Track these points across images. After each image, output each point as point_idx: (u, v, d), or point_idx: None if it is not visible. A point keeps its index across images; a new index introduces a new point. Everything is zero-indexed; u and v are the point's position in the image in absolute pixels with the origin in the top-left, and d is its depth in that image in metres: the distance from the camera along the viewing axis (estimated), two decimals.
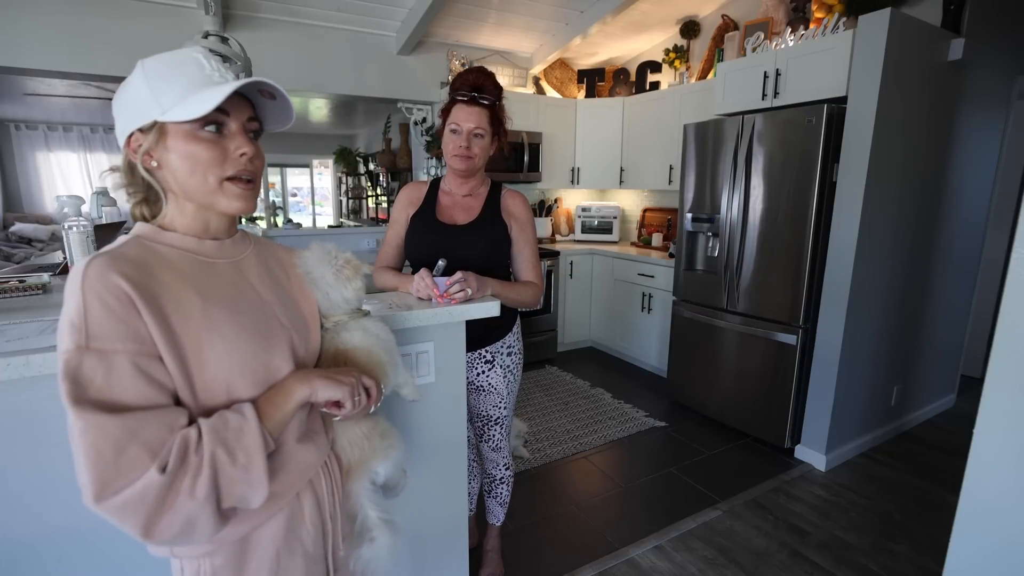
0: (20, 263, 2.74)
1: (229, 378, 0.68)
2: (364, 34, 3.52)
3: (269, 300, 0.78)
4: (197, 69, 0.67)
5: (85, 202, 1.92)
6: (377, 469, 0.89)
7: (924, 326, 2.82)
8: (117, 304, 0.60)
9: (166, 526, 0.57)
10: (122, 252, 0.65)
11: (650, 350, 3.73)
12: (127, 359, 0.60)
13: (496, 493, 1.72)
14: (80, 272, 0.60)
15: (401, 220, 1.51)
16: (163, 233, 0.71)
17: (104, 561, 0.96)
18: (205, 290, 0.69)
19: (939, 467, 2.52)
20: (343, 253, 0.91)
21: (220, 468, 0.60)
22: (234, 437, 0.63)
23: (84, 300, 0.59)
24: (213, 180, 0.68)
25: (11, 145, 6.97)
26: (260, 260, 0.81)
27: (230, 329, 0.69)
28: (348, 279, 0.88)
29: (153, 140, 0.67)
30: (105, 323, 0.59)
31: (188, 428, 0.61)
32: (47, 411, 0.87)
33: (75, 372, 0.57)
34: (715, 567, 1.85)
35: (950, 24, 2.44)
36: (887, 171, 2.33)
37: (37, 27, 2.71)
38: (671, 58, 3.96)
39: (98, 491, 0.56)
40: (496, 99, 1.42)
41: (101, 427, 0.56)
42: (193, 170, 0.67)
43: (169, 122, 0.66)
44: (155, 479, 0.56)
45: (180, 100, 0.65)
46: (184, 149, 0.66)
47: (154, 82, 0.66)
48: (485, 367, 1.53)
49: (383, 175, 6.27)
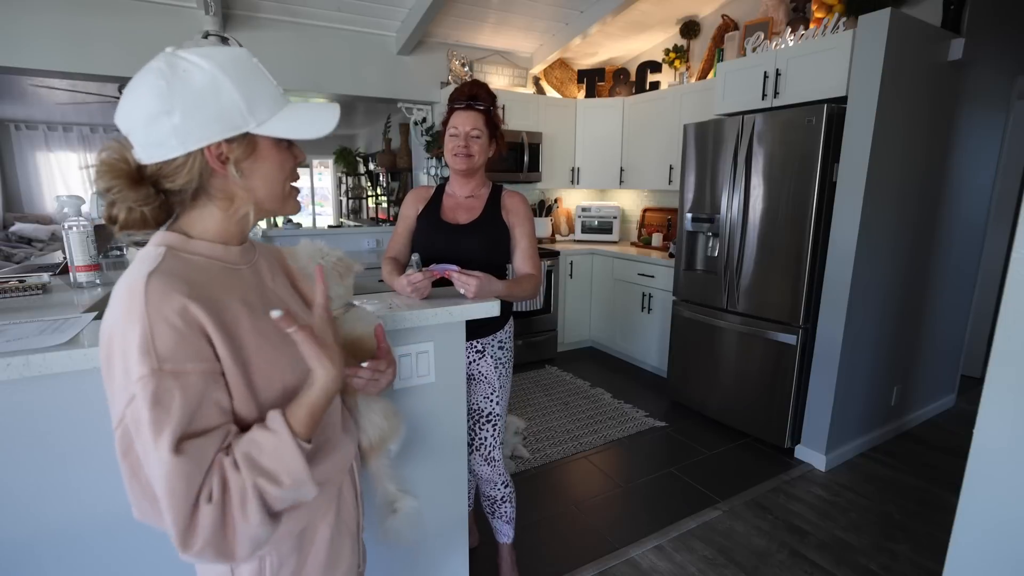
0: (20, 263, 2.74)
1: (283, 377, 0.70)
2: (364, 34, 3.52)
3: (286, 299, 0.80)
4: (269, 80, 0.68)
5: (85, 202, 1.92)
6: (391, 447, 0.96)
7: (924, 326, 2.82)
8: (184, 325, 0.60)
9: (241, 549, 0.60)
10: (171, 268, 0.63)
11: (650, 350, 3.73)
12: (198, 380, 0.60)
13: (500, 513, 1.70)
14: (140, 295, 0.58)
15: (410, 215, 1.61)
16: (190, 242, 0.68)
17: (104, 561, 0.96)
18: (245, 297, 0.70)
19: (939, 467, 2.52)
20: (334, 251, 0.94)
21: (266, 493, 0.61)
22: (271, 461, 0.61)
23: (149, 322, 0.58)
24: (288, 188, 0.73)
25: (11, 145, 6.97)
26: (268, 262, 0.82)
27: (273, 331, 0.70)
28: (341, 275, 0.93)
29: (243, 151, 0.66)
30: (173, 345, 0.59)
31: (223, 455, 0.60)
32: (47, 411, 0.87)
33: (157, 396, 0.57)
34: (715, 567, 1.85)
35: (950, 24, 2.43)
36: (887, 171, 2.33)
37: (37, 27, 2.71)
38: (671, 58, 3.96)
39: (182, 537, 0.57)
40: (490, 105, 1.51)
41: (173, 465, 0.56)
42: (276, 179, 0.70)
43: (260, 135, 0.66)
44: (208, 514, 0.58)
45: (272, 115, 0.66)
46: (276, 159, 0.69)
47: (245, 90, 0.63)
48: (475, 356, 1.57)
49: (383, 175, 6.26)
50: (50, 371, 0.84)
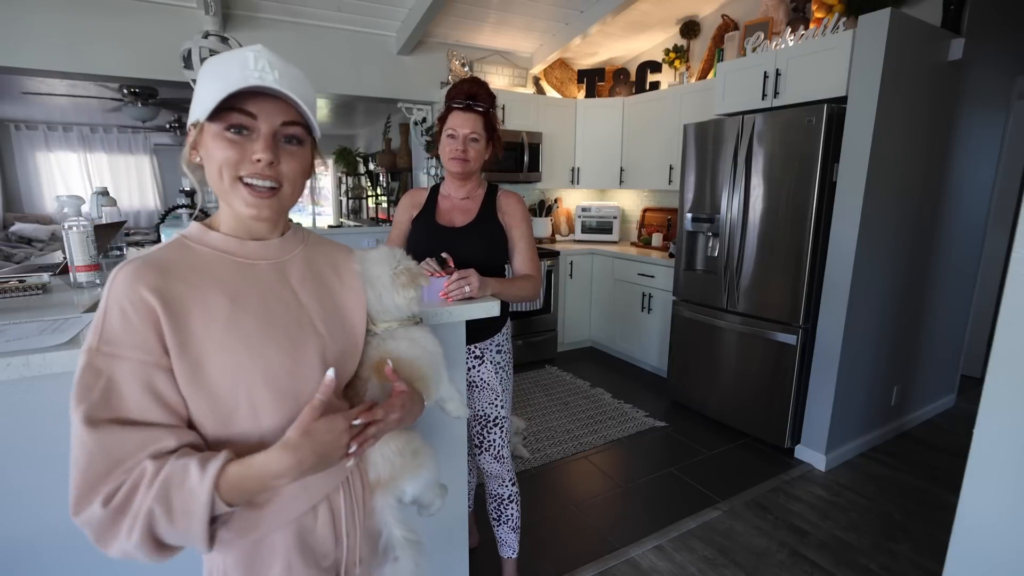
0: (20, 263, 2.74)
1: (250, 384, 0.67)
2: (364, 34, 3.52)
3: (308, 305, 0.76)
4: (239, 68, 0.65)
5: (85, 202, 1.92)
6: (405, 488, 0.86)
7: (924, 326, 2.82)
8: (133, 313, 0.62)
9: (114, 551, 0.60)
10: (155, 258, 0.67)
11: (650, 350, 3.73)
12: (133, 367, 0.62)
13: (507, 517, 1.65)
14: (111, 277, 0.64)
15: (404, 220, 1.58)
16: (208, 233, 0.72)
17: (104, 561, 0.95)
18: (237, 294, 0.69)
19: (939, 467, 2.52)
20: (407, 260, 0.91)
21: (156, 524, 0.59)
22: (180, 498, 0.59)
23: (107, 305, 0.63)
24: (228, 179, 0.68)
25: (11, 145, 6.97)
26: (308, 262, 0.79)
27: (256, 334, 0.69)
28: (403, 286, 0.88)
29: (194, 137, 0.69)
30: (119, 330, 0.62)
31: (148, 465, 0.60)
32: (47, 411, 0.87)
33: (86, 371, 0.61)
34: (715, 567, 1.85)
35: (950, 24, 2.43)
36: (887, 171, 2.33)
37: (37, 27, 2.71)
38: (671, 58, 3.96)
39: (73, 506, 0.59)
40: (490, 106, 1.47)
41: (81, 439, 0.59)
42: (213, 167, 0.68)
43: (203, 121, 0.66)
44: (97, 512, 0.58)
45: (213, 101, 0.65)
46: (209, 146, 0.67)
47: (203, 81, 0.68)
48: (475, 362, 1.55)
49: (383, 175, 6.26)
50: (50, 371, 0.84)
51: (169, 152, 8.05)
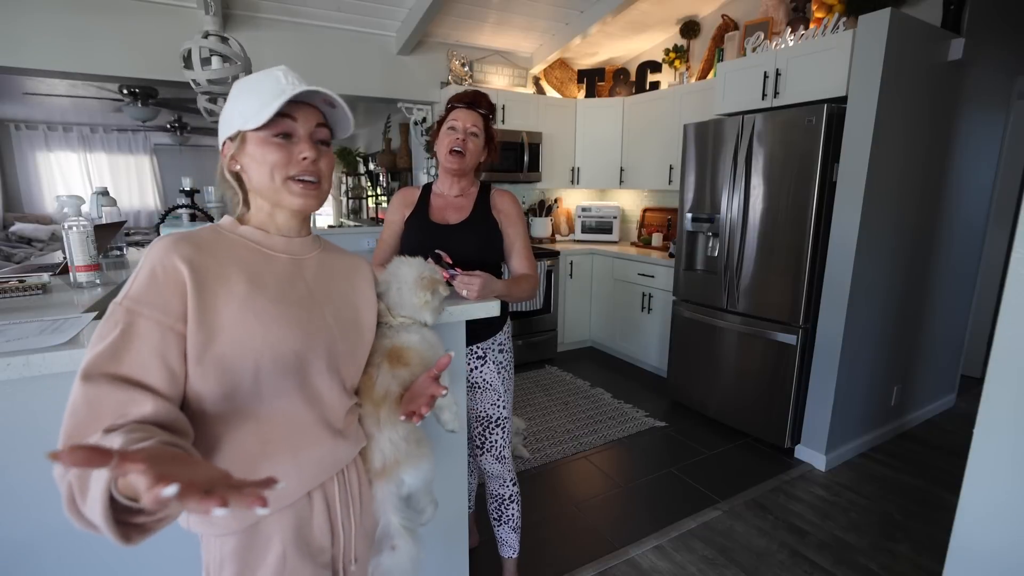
0: (20, 263, 2.74)
1: (258, 359, 0.72)
2: (364, 34, 3.52)
3: (320, 299, 0.82)
4: (274, 84, 0.76)
5: (85, 202, 1.92)
6: (404, 477, 0.89)
7: (924, 326, 2.82)
8: (164, 277, 0.67)
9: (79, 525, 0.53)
10: (193, 235, 0.74)
11: (650, 350, 3.73)
12: (149, 325, 0.65)
13: (507, 517, 1.65)
14: (151, 246, 0.70)
15: (396, 220, 1.57)
16: (239, 226, 0.80)
17: (105, 561, 0.96)
18: (257, 277, 0.76)
19: (939, 467, 2.52)
20: (435, 272, 1.01)
21: (77, 501, 0.52)
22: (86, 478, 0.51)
23: (141, 267, 0.69)
24: (279, 179, 0.76)
25: (11, 145, 6.97)
26: (323, 263, 0.86)
27: (269, 313, 0.74)
28: (422, 288, 0.96)
29: (236, 147, 0.77)
30: (146, 290, 0.67)
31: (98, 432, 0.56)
32: (47, 411, 0.87)
33: (106, 321, 0.65)
34: (715, 567, 1.85)
35: (950, 24, 2.43)
36: (887, 171, 2.33)
37: (37, 27, 2.71)
38: (671, 58, 3.96)
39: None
40: (490, 112, 1.51)
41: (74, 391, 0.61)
42: (263, 170, 0.75)
43: (248, 131, 0.75)
44: (59, 470, 0.54)
45: (256, 113, 0.73)
46: (258, 152, 0.75)
47: (238, 98, 0.77)
48: (477, 363, 1.55)
49: (383, 175, 6.27)
50: (50, 371, 0.84)
51: (169, 152, 8.05)
